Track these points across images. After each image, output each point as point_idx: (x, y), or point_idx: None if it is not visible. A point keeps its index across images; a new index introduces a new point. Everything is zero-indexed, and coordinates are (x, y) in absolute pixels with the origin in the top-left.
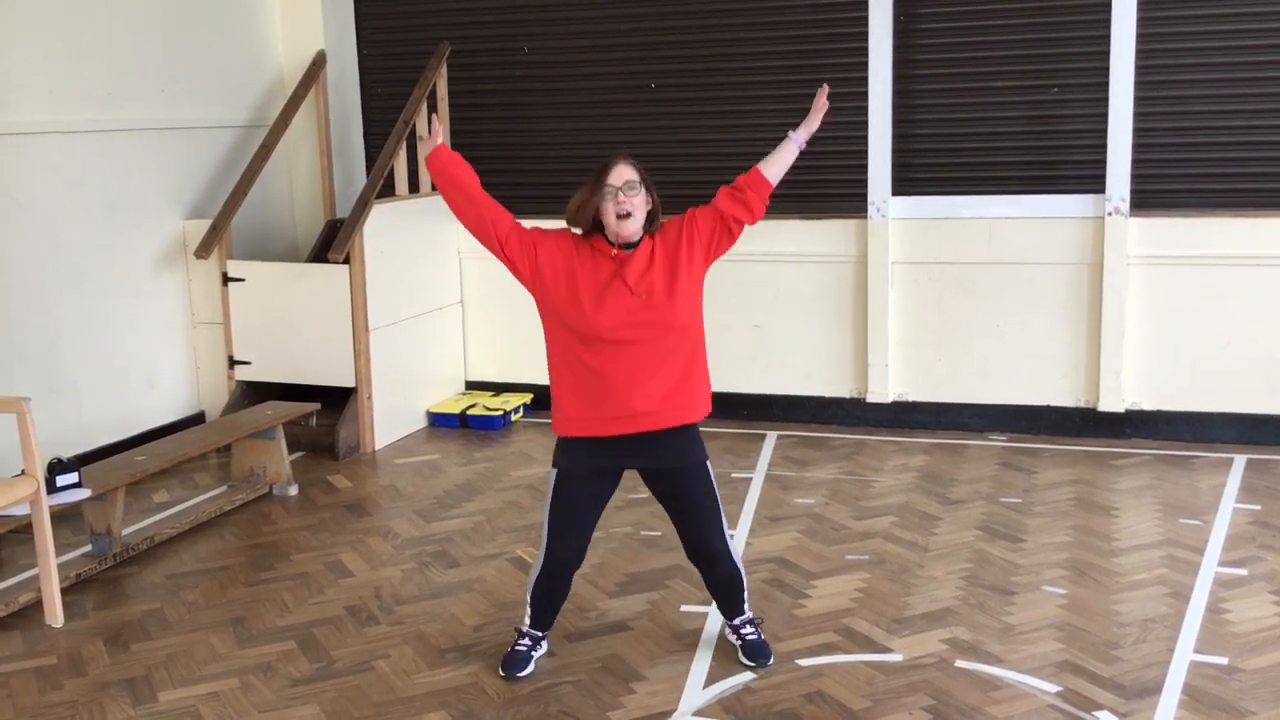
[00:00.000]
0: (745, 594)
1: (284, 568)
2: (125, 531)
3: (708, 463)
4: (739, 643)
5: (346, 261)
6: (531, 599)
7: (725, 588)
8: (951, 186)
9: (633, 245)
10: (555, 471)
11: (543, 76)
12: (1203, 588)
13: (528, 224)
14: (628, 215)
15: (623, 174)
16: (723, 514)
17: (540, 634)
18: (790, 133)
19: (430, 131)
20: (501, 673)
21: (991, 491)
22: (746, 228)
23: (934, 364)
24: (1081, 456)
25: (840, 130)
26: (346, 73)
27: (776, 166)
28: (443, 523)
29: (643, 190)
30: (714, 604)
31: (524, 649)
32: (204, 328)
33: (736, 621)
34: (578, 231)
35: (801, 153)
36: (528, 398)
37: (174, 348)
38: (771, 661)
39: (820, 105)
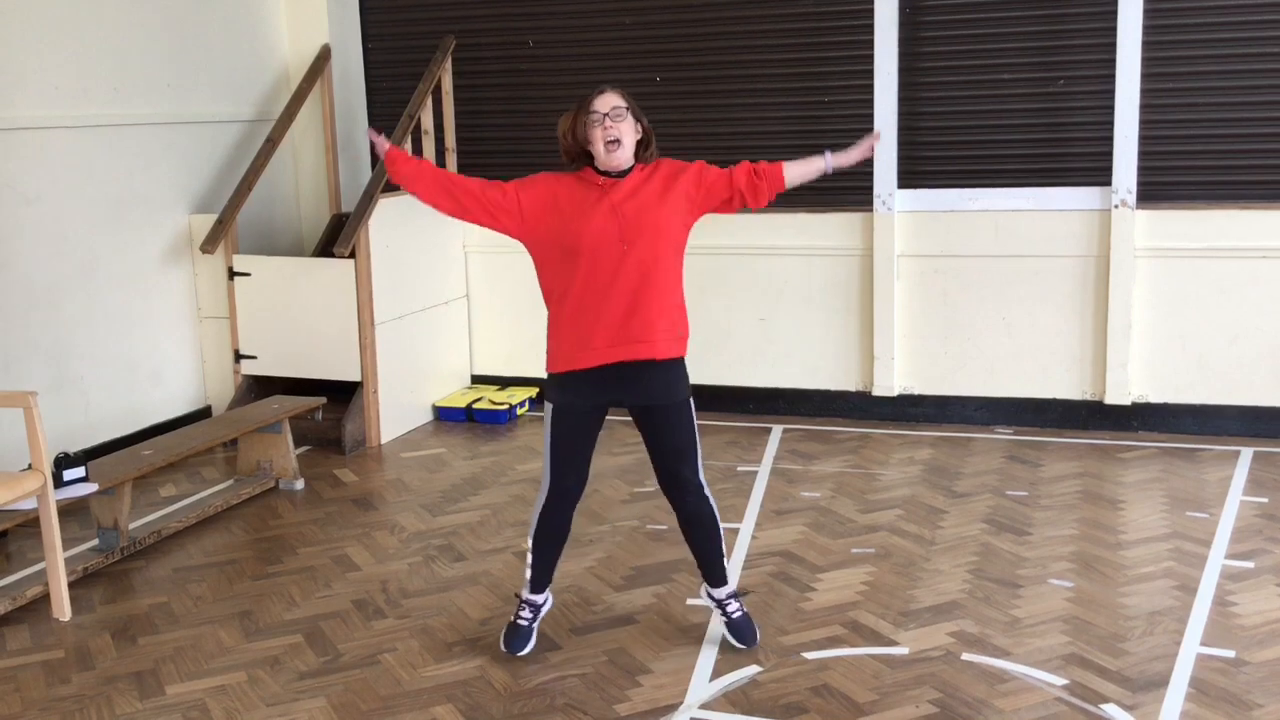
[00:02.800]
0: (723, 547)
1: (290, 561)
2: (132, 526)
3: (690, 401)
4: (725, 620)
5: (352, 256)
6: (534, 542)
7: (696, 524)
8: (957, 179)
9: (623, 174)
10: (550, 406)
11: (547, 70)
12: (1209, 581)
13: None
14: (615, 142)
15: (609, 100)
16: (699, 449)
17: (539, 601)
18: (827, 152)
19: (378, 147)
20: (503, 648)
21: (998, 485)
22: (745, 225)
23: (940, 357)
24: (1088, 449)
25: (845, 123)
26: (351, 67)
27: (797, 172)
28: (449, 516)
29: (630, 117)
30: (702, 565)
31: (525, 623)
32: (210, 322)
33: (721, 595)
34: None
35: (806, 145)
36: (533, 392)
37: (180, 342)
38: (758, 643)
39: (865, 147)
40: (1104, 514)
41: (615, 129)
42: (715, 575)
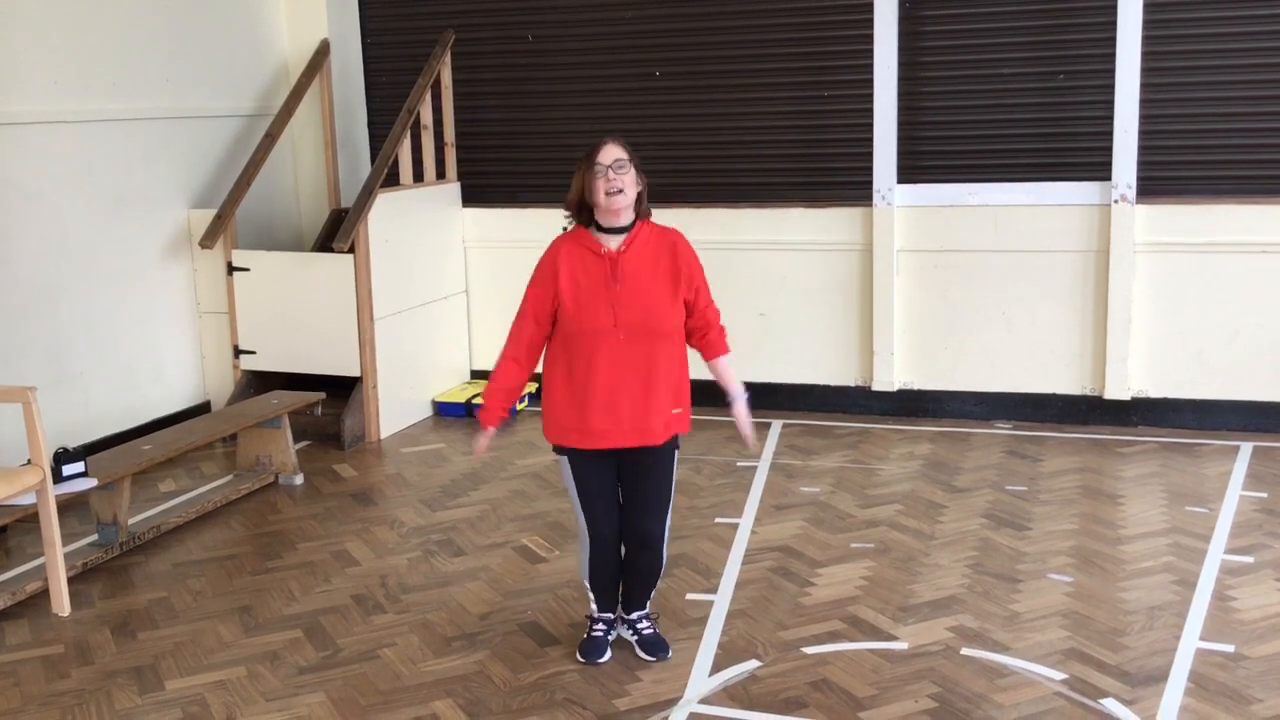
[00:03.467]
0: (654, 591)
1: (290, 557)
2: (131, 521)
3: (676, 451)
4: (635, 639)
5: (351, 251)
6: (591, 583)
7: (644, 575)
8: (957, 174)
9: (623, 230)
10: (564, 458)
11: (546, 64)
12: (1209, 575)
13: (529, 213)
14: (618, 192)
15: (612, 153)
16: (670, 504)
17: (611, 616)
18: (744, 396)
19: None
20: (580, 659)
21: (997, 479)
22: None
23: (939, 352)
24: (1087, 444)
25: (846, 118)
26: (351, 61)
27: (723, 370)
28: (448, 511)
29: (632, 169)
30: (628, 596)
31: (600, 633)
32: (209, 317)
33: (634, 615)
34: (567, 228)
35: (807, 140)
36: (532, 387)
37: (179, 337)
38: (670, 655)
39: (745, 427)
40: (1103, 509)
41: (618, 180)
42: (635, 605)
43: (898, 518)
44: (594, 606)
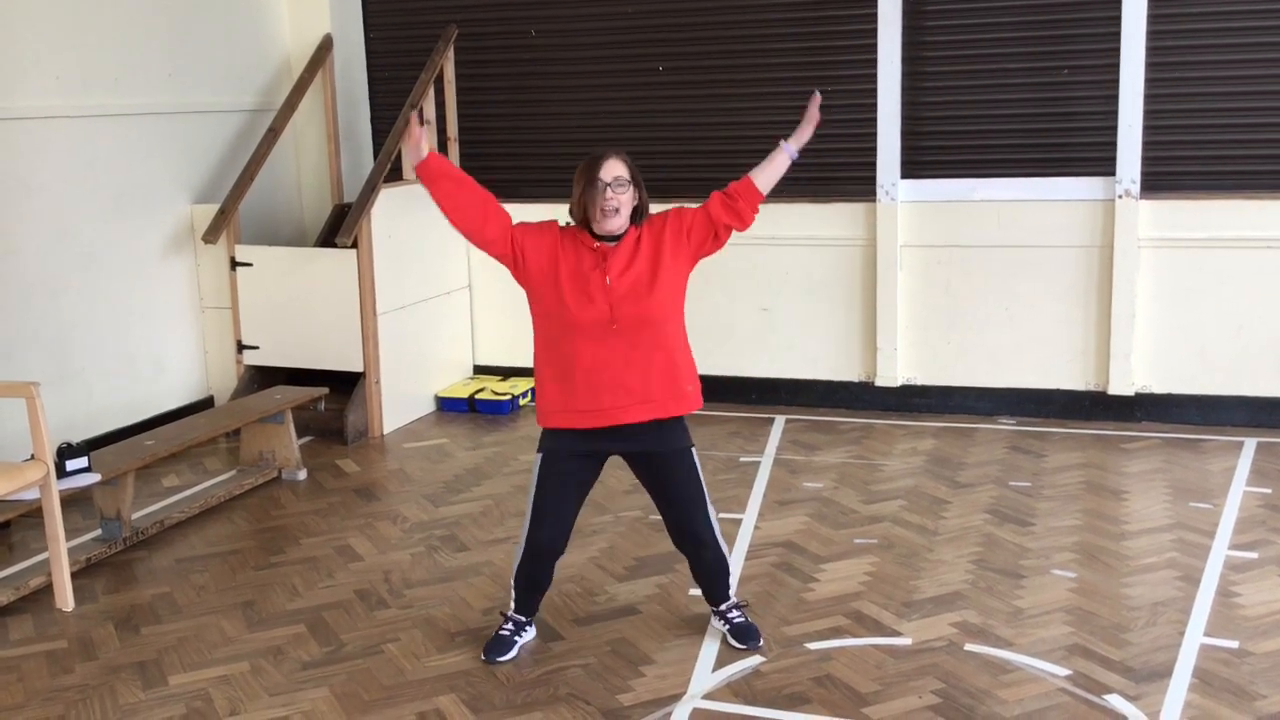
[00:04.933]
0: (730, 579)
1: (293, 552)
2: (135, 516)
3: (692, 449)
4: (726, 628)
5: (354, 246)
6: (515, 584)
7: (711, 573)
8: (961, 169)
9: (616, 238)
10: (540, 455)
11: (550, 59)
12: (1213, 571)
13: (532, 208)
14: (615, 211)
15: (613, 169)
16: (708, 500)
17: (524, 619)
18: (782, 142)
19: (413, 136)
20: (483, 657)
21: (1000, 475)
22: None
23: (943, 347)
24: (1091, 440)
25: (849, 112)
26: (353, 56)
27: (767, 176)
28: (451, 507)
29: (631, 187)
30: (708, 593)
31: (507, 633)
32: (212, 312)
33: (722, 607)
34: (563, 223)
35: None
36: (531, 383)
37: (182, 332)
38: (761, 643)
39: (812, 115)
40: (1107, 504)
41: (616, 199)
42: (719, 598)
43: (901, 513)
44: (511, 605)
